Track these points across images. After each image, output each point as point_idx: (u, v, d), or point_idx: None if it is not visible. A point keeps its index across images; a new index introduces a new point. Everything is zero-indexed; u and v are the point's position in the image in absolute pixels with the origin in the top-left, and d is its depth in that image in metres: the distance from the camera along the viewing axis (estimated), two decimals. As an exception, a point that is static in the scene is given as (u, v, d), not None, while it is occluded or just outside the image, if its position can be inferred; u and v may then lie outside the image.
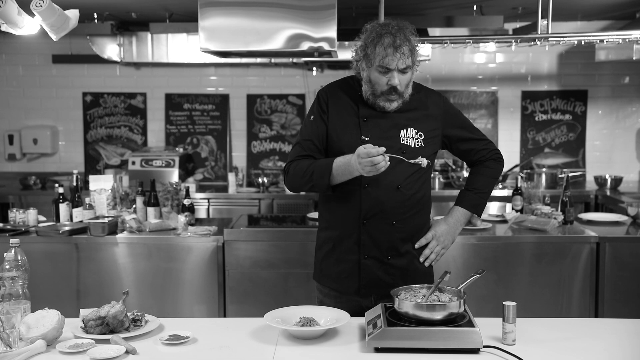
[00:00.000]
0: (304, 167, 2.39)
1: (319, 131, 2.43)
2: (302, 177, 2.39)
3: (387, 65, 2.27)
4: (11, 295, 2.09)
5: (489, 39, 4.35)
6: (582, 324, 2.29)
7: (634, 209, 4.15)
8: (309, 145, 2.44)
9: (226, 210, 5.43)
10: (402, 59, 2.26)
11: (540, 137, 6.05)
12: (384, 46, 2.26)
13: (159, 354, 1.95)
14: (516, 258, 3.69)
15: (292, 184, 2.45)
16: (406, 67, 2.29)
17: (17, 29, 2.50)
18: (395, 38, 2.26)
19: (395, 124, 2.39)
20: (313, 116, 2.47)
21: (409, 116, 2.41)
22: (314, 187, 2.37)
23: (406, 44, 2.27)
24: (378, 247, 2.40)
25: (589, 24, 5.85)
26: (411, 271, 2.43)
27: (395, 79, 2.28)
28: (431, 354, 1.90)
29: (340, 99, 2.45)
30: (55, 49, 6.07)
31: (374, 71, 2.31)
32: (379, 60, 2.27)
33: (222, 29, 4.05)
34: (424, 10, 5.18)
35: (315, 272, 2.57)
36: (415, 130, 2.40)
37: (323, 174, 2.33)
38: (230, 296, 3.77)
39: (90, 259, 3.76)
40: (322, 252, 2.52)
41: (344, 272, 2.44)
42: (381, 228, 2.38)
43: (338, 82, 2.53)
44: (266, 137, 6.13)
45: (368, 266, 2.41)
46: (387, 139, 2.36)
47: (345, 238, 2.42)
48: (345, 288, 2.44)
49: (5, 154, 6.13)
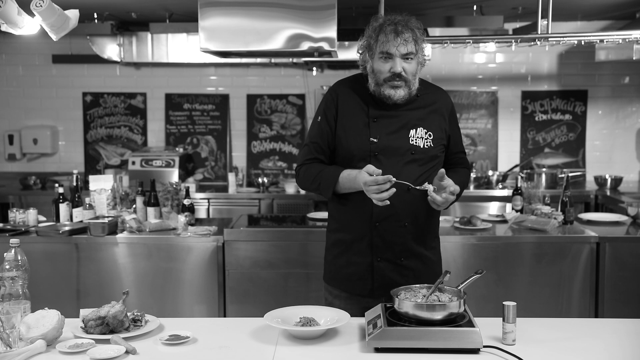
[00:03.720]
0: (312, 174, 2.42)
1: (324, 132, 2.43)
2: (311, 183, 2.44)
3: (387, 50, 2.27)
4: (11, 295, 2.09)
5: (489, 39, 4.35)
6: (582, 324, 2.29)
7: (634, 209, 4.15)
8: (316, 147, 2.44)
9: (226, 210, 5.43)
10: (404, 45, 2.26)
11: (540, 137, 6.05)
12: (386, 33, 2.27)
13: (159, 354, 1.95)
14: (516, 258, 3.69)
15: (303, 187, 2.52)
16: (408, 52, 2.27)
17: (17, 29, 2.50)
18: (397, 26, 2.27)
19: (404, 123, 2.37)
20: (320, 117, 2.46)
21: (418, 115, 2.39)
22: (321, 194, 2.43)
23: (408, 31, 2.27)
24: (391, 249, 2.39)
25: (589, 24, 5.85)
26: (424, 272, 2.42)
27: (398, 66, 2.27)
28: (431, 354, 1.90)
29: (350, 97, 2.43)
30: (55, 49, 6.07)
31: (377, 60, 2.30)
32: (380, 46, 2.28)
33: (222, 29, 4.05)
34: (424, 10, 5.18)
35: (325, 273, 2.56)
36: (424, 130, 2.39)
37: (329, 185, 2.36)
38: (230, 296, 3.77)
39: (90, 259, 3.75)
40: (332, 254, 2.51)
41: (356, 275, 2.43)
42: (393, 230, 2.37)
43: (348, 79, 2.51)
44: (266, 137, 6.13)
45: (381, 268, 2.40)
46: (397, 139, 2.35)
47: (357, 241, 2.41)
48: (357, 290, 2.43)
49: (5, 154, 6.13)
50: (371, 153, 2.35)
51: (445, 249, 3.67)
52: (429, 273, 2.43)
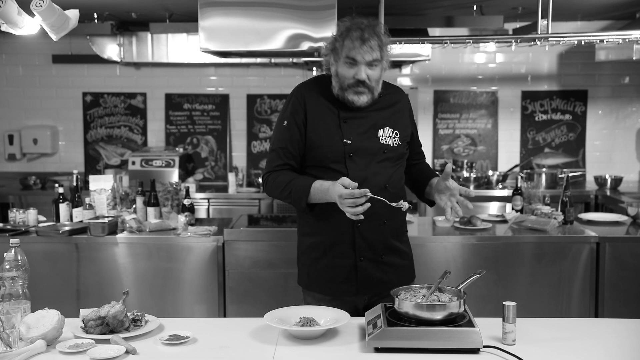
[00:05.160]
0: (282, 183, 2.37)
1: (294, 136, 2.39)
2: (280, 192, 2.38)
3: (353, 57, 2.28)
4: (11, 295, 2.09)
5: (489, 39, 4.35)
6: (582, 324, 2.29)
7: (634, 209, 4.14)
8: (285, 153, 2.40)
9: (226, 210, 5.43)
10: (369, 52, 2.27)
11: (540, 137, 6.05)
12: (352, 39, 2.28)
13: (159, 354, 1.95)
14: (516, 258, 3.69)
15: (271, 194, 2.46)
16: (373, 60, 2.29)
17: (17, 29, 2.51)
18: (363, 32, 2.29)
19: (373, 123, 2.40)
20: (286, 121, 2.41)
21: (384, 115, 2.43)
22: (292, 205, 2.38)
23: (374, 38, 2.29)
24: (372, 247, 2.41)
25: (589, 24, 5.85)
26: (402, 266, 2.48)
27: (362, 73, 2.28)
28: (431, 354, 1.90)
29: (317, 99, 2.41)
30: (55, 49, 6.07)
31: (342, 64, 2.31)
32: (346, 51, 2.29)
33: (222, 29, 4.06)
34: (424, 10, 5.18)
35: (301, 278, 2.53)
36: (391, 129, 2.42)
37: (300, 197, 2.32)
38: (230, 296, 3.77)
39: (90, 259, 3.75)
40: (309, 258, 2.48)
41: (340, 277, 2.42)
42: (374, 229, 2.39)
43: (311, 82, 2.50)
44: (266, 137, 6.13)
45: (364, 268, 2.41)
46: (368, 139, 2.38)
47: (338, 243, 2.41)
48: (341, 292, 2.43)
49: (5, 154, 6.13)
50: (345, 154, 2.35)
51: (445, 249, 3.70)
52: (406, 267, 2.50)
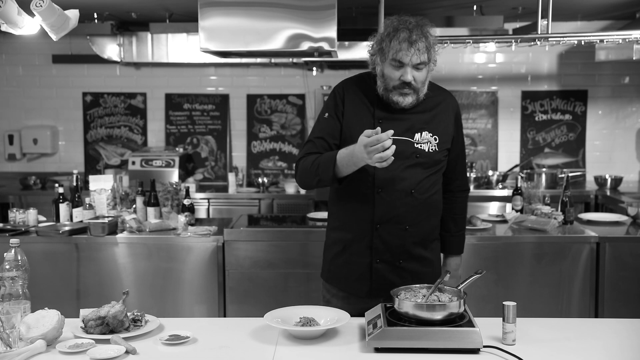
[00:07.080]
0: (310, 161, 2.33)
1: (332, 129, 2.39)
2: (309, 171, 2.33)
3: (400, 59, 2.23)
4: (11, 295, 2.09)
5: (489, 39, 4.35)
6: (582, 324, 2.29)
7: (634, 209, 4.15)
8: (321, 143, 2.38)
9: (226, 210, 5.43)
10: (417, 55, 2.22)
11: (540, 137, 6.05)
12: (399, 40, 2.23)
13: (159, 354, 1.95)
14: (516, 258, 3.69)
15: (302, 179, 2.40)
16: (420, 62, 2.24)
17: (17, 29, 2.50)
18: (411, 33, 2.23)
19: (410, 127, 2.35)
20: (327, 113, 2.41)
21: (424, 118, 2.37)
22: (321, 181, 2.31)
23: (422, 40, 2.23)
24: (390, 251, 2.38)
25: (589, 24, 5.85)
26: (423, 273, 2.41)
27: (408, 75, 2.24)
28: (431, 354, 1.90)
29: (356, 96, 2.40)
30: (55, 49, 6.07)
31: (388, 65, 2.27)
32: (393, 53, 2.23)
33: (222, 29, 4.06)
34: (424, 10, 5.18)
35: (323, 271, 2.55)
36: (430, 133, 2.37)
37: (327, 167, 2.26)
38: (230, 296, 3.77)
39: (90, 259, 3.75)
40: (331, 252, 2.50)
41: (354, 275, 2.42)
42: (394, 233, 2.36)
43: (354, 78, 2.48)
44: (266, 137, 6.13)
45: (380, 270, 2.39)
46: (401, 142, 2.31)
47: (357, 241, 2.40)
48: (355, 290, 2.43)
49: (5, 154, 6.13)
50: None
51: (445, 249, 3.69)
52: (427, 274, 2.43)
